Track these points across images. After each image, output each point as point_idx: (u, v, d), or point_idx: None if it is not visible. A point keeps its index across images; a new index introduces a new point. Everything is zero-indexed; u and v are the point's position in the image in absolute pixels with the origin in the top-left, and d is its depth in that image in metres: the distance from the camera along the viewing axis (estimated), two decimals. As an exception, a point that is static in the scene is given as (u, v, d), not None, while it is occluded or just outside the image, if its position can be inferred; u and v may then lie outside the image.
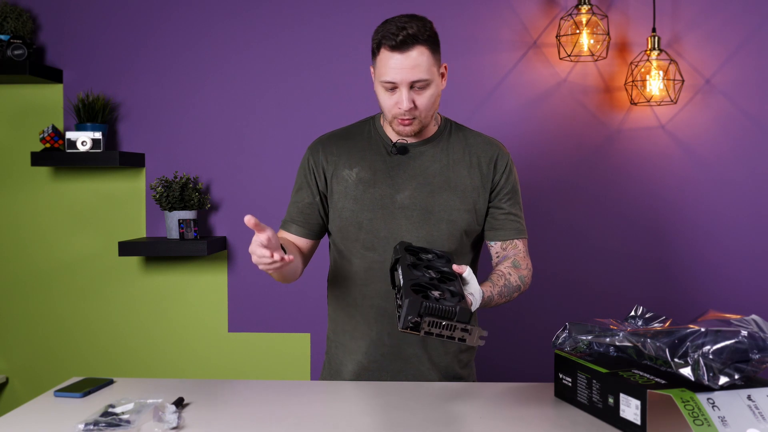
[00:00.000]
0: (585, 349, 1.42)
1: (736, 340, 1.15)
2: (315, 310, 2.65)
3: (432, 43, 1.52)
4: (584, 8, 2.45)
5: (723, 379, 1.15)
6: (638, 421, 1.18)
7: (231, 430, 1.28)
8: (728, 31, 2.57)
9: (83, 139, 2.53)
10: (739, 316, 1.25)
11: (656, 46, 2.48)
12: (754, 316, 1.23)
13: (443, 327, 1.22)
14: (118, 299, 2.72)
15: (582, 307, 2.62)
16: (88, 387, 1.50)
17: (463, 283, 1.38)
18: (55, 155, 2.54)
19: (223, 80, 2.68)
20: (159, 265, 2.71)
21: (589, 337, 1.39)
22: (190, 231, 2.55)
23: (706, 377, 1.15)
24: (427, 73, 1.51)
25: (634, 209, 2.62)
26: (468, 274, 1.38)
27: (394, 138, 1.65)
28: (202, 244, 2.49)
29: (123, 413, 1.33)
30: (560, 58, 2.53)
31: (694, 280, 2.61)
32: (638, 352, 1.32)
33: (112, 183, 2.71)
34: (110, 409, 1.35)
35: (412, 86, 1.51)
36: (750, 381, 1.20)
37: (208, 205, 2.65)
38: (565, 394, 1.41)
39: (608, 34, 2.48)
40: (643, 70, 2.48)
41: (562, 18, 2.52)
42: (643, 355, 1.31)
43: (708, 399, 1.14)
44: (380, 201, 1.61)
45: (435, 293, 1.27)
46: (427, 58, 1.50)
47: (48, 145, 2.57)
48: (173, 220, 2.57)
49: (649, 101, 2.50)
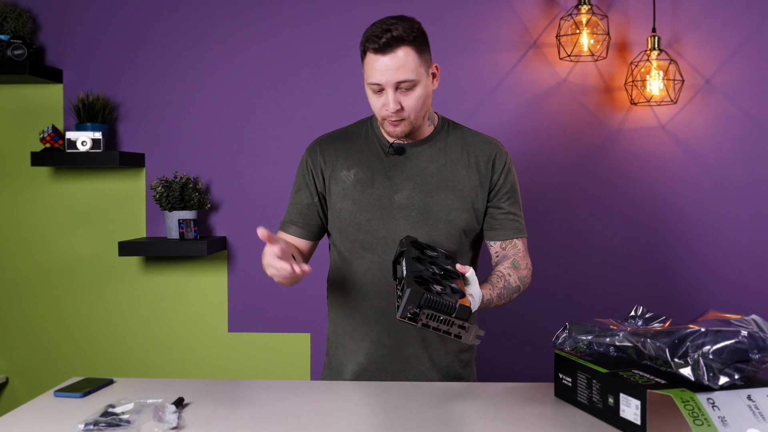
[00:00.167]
0: (585, 349, 1.42)
1: (736, 340, 1.15)
2: (315, 310, 2.65)
3: (419, 44, 1.51)
4: (584, 8, 2.45)
5: (723, 379, 1.15)
6: (638, 421, 1.19)
7: (231, 430, 1.28)
8: (728, 31, 2.57)
9: (83, 139, 2.53)
10: (739, 316, 1.25)
11: (656, 46, 2.48)
12: (754, 316, 1.23)
13: (441, 321, 1.22)
14: (118, 299, 2.72)
15: (582, 307, 2.62)
16: (88, 387, 1.50)
17: (465, 283, 1.38)
18: (55, 155, 2.54)
19: (223, 80, 2.68)
20: (159, 265, 2.71)
21: (589, 337, 1.39)
22: (190, 231, 2.55)
23: (706, 377, 1.15)
24: (413, 74, 1.50)
25: (634, 209, 2.62)
26: (471, 275, 1.39)
27: (390, 138, 1.65)
28: (202, 244, 2.49)
29: (123, 413, 1.33)
30: (560, 58, 2.53)
31: (694, 280, 2.61)
32: (638, 352, 1.32)
33: (112, 183, 2.71)
34: (110, 409, 1.35)
35: (397, 87, 1.50)
36: (750, 381, 1.20)
37: (208, 205, 2.65)
38: (565, 394, 1.41)
39: (608, 34, 2.48)
40: (643, 70, 2.48)
41: (562, 18, 2.52)
42: (643, 355, 1.31)
43: (708, 399, 1.14)
44: (378, 201, 1.61)
45: (437, 287, 1.27)
46: (413, 59, 1.49)
47: (48, 145, 2.57)
48: (173, 220, 2.57)
49: (649, 101, 2.50)
